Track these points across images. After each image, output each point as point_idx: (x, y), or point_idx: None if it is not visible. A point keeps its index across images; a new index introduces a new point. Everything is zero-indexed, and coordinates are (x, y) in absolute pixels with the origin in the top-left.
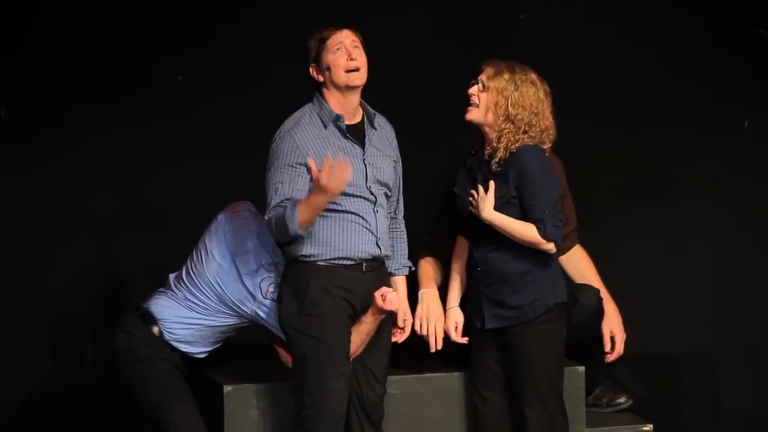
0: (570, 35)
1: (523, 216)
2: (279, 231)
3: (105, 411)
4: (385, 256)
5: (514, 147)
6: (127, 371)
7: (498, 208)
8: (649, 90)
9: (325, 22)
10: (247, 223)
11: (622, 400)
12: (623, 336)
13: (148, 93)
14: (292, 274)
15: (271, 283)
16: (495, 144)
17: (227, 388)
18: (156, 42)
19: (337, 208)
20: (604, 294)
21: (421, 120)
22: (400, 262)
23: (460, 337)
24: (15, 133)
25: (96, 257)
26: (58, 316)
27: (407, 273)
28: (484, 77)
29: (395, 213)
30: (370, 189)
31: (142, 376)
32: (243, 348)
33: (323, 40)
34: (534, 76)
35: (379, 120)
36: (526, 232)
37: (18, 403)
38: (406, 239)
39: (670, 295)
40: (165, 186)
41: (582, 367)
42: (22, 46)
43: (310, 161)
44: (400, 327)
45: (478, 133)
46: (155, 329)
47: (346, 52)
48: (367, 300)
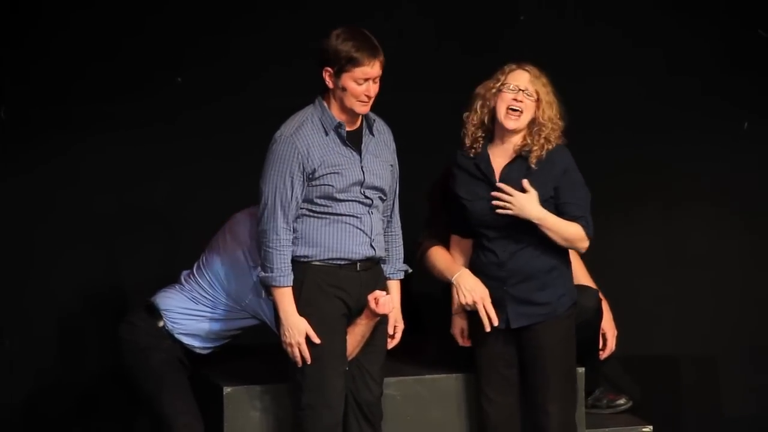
0: (569, 36)
1: (561, 213)
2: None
3: (105, 411)
4: (380, 257)
5: (549, 146)
6: (127, 360)
7: None
8: (648, 91)
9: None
10: None
11: (622, 401)
12: (615, 333)
13: (149, 94)
14: None
15: None
16: (531, 145)
17: (227, 390)
18: (155, 43)
19: (332, 210)
20: None
21: (420, 122)
22: (396, 266)
23: (466, 341)
24: (15, 134)
25: (96, 258)
26: (59, 317)
27: (402, 277)
28: (528, 85)
29: (390, 216)
30: (364, 194)
31: (139, 366)
32: (243, 349)
33: (353, 63)
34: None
35: (379, 125)
36: (573, 229)
37: (18, 402)
38: (402, 243)
39: (669, 296)
40: (166, 186)
41: (582, 369)
42: (23, 47)
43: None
44: (390, 335)
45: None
46: (159, 321)
47: (367, 87)
48: (361, 299)
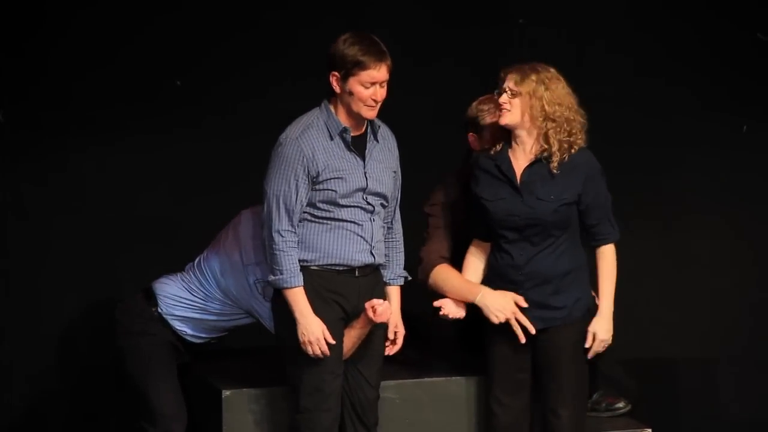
0: (568, 40)
1: (585, 216)
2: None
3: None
4: (379, 263)
5: (572, 149)
6: (118, 341)
7: (554, 209)
8: (648, 93)
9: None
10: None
11: (621, 404)
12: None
13: (148, 97)
14: None
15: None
16: (544, 145)
17: (226, 393)
18: (155, 48)
19: (334, 216)
20: None
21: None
22: (396, 272)
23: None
24: (15, 138)
25: (95, 262)
26: (59, 319)
27: (402, 283)
28: (510, 84)
29: (392, 223)
30: (366, 200)
31: (129, 348)
32: (241, 352)
33: (360, 66)
34: (556, 72)
35: (383, 131)
36: (612, 268)
37: (18, 403)
38: (403, 249)
39: (668, 298)
40: (165, 192)
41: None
42: (22, 51)
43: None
44: (390, 339)
45: (499, 134)
46: (152, 305)
47: (374, 91)
48: (359, 305)
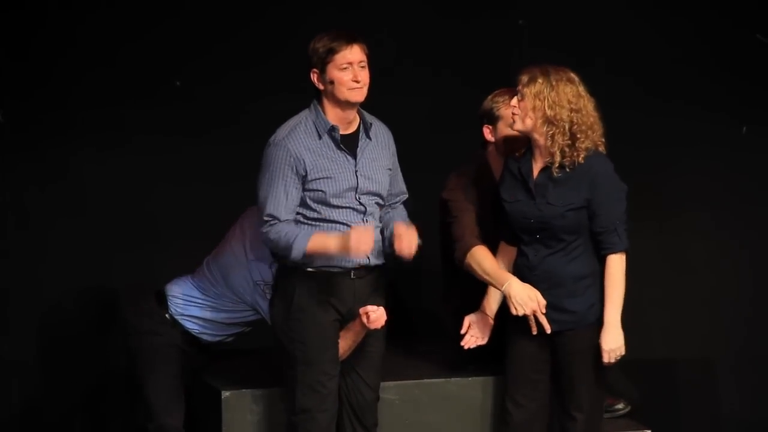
0: (568, 41)
1: (591, 223)
2: (279, 249)
3: (107, 413)
4: (375, 264)
5: (578, 154)
6: (127, 342)
7: (561, 214)
8: (648, 95)
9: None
10: None
11: (621, 405)
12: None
13: (148, 100)
14: (281, 279)
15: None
16: (550, 149)
17: (225, 394)
18: (155, 49)
19: (327, 218)
20: None
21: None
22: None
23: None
24: (14, 138)
25: (93, 264)
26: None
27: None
28: (520, 86)
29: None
30: (359, 200)
31: (136, 349)
32: (241, 353)
33: (332, 52)
34: (572, 75)
35: (376, 128)
36: (618, 276)
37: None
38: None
39: (667, 300)
40: (165, 192)
41: None
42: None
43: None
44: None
45: (523, 138)
46: (165, 307)
47: (353, 72)
48: (355, 306)
